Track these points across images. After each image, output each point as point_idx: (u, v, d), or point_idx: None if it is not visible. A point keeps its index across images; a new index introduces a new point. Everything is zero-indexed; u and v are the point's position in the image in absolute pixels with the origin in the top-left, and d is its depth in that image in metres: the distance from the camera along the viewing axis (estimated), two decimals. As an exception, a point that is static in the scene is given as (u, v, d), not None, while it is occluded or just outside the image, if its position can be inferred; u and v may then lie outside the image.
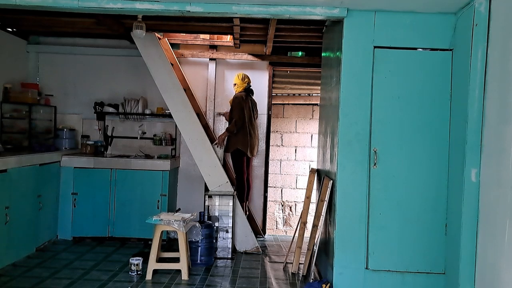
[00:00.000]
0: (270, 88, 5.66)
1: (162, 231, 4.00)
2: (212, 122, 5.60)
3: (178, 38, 5.50)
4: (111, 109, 5.42)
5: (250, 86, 5.21)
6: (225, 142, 5.15)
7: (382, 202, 3.43)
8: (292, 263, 4.29)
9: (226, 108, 5.43)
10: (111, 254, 4.57)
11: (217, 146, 4.99)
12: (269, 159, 5.83)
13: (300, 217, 4.34)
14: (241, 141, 5.04)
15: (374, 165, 3.43)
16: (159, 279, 3.86)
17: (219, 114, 5.60)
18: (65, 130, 5.44)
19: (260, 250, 4.89)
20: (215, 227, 4.56)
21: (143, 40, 4.76)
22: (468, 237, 2.97)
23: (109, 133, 5.57)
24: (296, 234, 4.42)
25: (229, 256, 4.61)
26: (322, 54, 4.62)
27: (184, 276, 3.90)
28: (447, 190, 3.38)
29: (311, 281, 3.74)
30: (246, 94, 5.12)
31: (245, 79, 5.17)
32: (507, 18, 2.68)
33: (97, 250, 4.71)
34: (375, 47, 3.41)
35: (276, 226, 6.80)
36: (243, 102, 5.02)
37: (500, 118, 2.70)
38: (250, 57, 5.54)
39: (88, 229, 5.00)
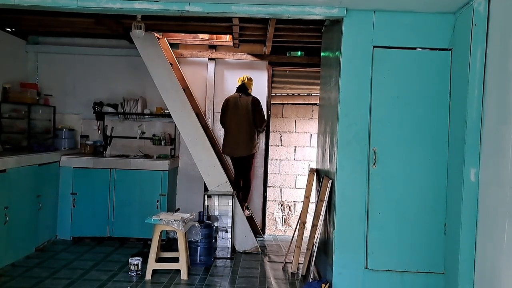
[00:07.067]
0: (270, 88, 5.66)
1: (161, 231, 4.00)
2: (212, 122, 5.60)
3: (177, 38, 5.50)
4: (110, 109, 5.41)
5: (243, 85, 5.19)
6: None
7: (381, 202, 3.43)
8: (291, 263, 4.29)
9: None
10: (111, 254, 4.57)
11: None
12: (269, 159, 5.83)
13: (300, 217, 4.34)
14: (223, 144, 5.22)
15: (374, 165, 3.43)
16: (159, 279, 3.86)
17: None
18: (64, 130, 5.43)
19: (259, 250, 4.89)
20: (214, 227, 4.56)
21: (142, 40, 4.76)
22: (467, 236, 2.97)
23: (108, 133, 5.56)
24: (296, 234, 4.42)
25: (229, 256, 4.61)
26: (321, 54, 4.62)
27: (184, 276, 3.90)
28: (446, 190, 3.38)
29: (310, 281, 3.74)
30: (234, 94, 5.17)
31: (239, 81, 5.24)
32: (506, 18, 2.68)
33: (97, 250, 4.71)
34: (374, 46, 3.41)
35: (276, 226, 6.80)
36: (225, 105, 5.17)
37: (499, 118, 2.70)
38: (249, 57, 5.53)
39: (88, 229, 5.00)
